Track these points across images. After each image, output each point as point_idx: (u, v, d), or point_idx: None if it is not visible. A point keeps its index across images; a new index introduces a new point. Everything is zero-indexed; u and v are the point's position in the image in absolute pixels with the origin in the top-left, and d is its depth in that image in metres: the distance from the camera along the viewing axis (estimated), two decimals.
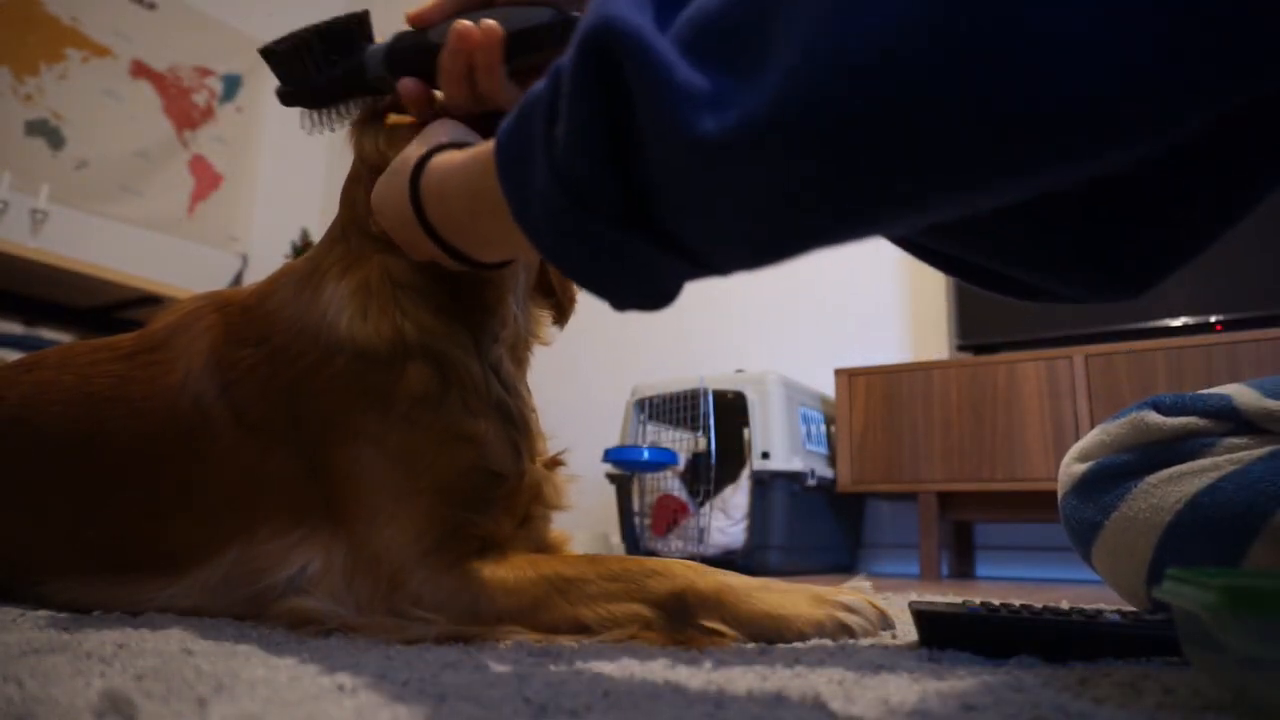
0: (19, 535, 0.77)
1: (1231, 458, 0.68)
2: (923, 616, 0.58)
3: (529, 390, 0.79)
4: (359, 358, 0.67)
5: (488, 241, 0.58)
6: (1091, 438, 0.77)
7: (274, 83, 0.74)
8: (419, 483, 0.64)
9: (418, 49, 0.66)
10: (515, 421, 0.72)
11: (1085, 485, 0.79)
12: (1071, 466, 0.80)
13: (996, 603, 0.61)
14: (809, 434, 2.26)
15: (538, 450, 0.76)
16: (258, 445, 0.69)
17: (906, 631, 0.64)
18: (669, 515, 2.17)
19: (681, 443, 2.23)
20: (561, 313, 0.83)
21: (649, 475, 2.20)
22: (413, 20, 0.67)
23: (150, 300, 2.82)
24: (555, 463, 0.78)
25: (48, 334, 2.82)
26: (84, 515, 0.75)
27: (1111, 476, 0.76)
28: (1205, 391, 0.72)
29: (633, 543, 2.23)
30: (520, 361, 0.78)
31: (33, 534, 0.77)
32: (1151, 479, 0.74)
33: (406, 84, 0.67)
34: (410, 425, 0.66)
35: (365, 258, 0.70)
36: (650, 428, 2.28)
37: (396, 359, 0.67)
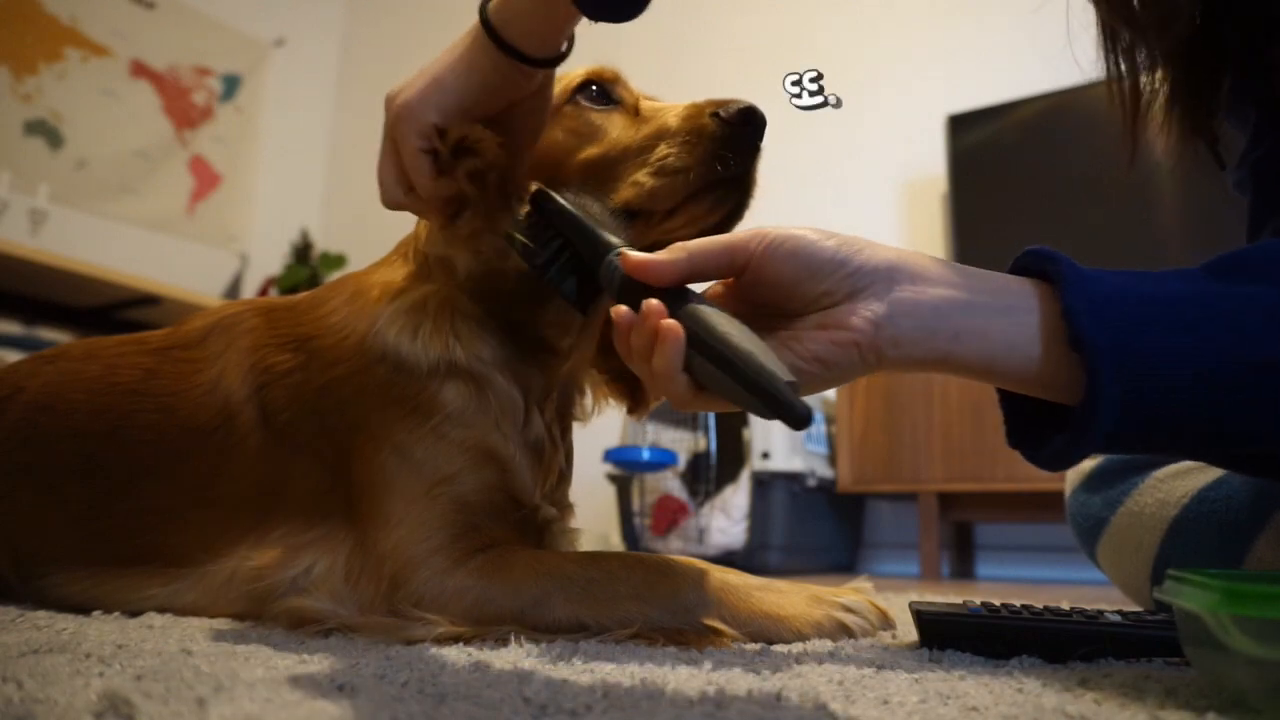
0: (32, 523, 0.78)
1: None
2: (923, 617, 0.58)
3: (570, 452, 0.79)
4: (399, 370, 0.67)
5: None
6: None
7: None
8: (436, 490, 0.65)
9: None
10: (544, 464, 0.72)
11: (1093, 480, 0.79)
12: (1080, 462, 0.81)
13: (997, 603, 0.61)
14: (809, 434, 2.26)
15: (559, 498, 0.76)
16: (284, 448, 0.70)
17: (906, 631, 0.64)
18: (669, 515, 2.17)
19: (681, 443, 2.23)
20: (636, 402, 0.81)
21: (649, 475, 2.20)
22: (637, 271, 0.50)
23: (149, 300, 2.81)
24: (565, 514, 0.78)
25: (47, 334, 2.82)
26: (98, 506, 0.75)
27: (1119, 471, 0.76)
28: None
29: (633, 543, 2.23)
30: (565, 418, 0.77)
31: (45, 522, 0.77)
32: (1159, 473, 0.74)
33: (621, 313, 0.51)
34: (438, 438, 0.66)
35: (427, 277, 0.71)
36: (650, 428, 2.28)
37: (436, 376, 0.67)
